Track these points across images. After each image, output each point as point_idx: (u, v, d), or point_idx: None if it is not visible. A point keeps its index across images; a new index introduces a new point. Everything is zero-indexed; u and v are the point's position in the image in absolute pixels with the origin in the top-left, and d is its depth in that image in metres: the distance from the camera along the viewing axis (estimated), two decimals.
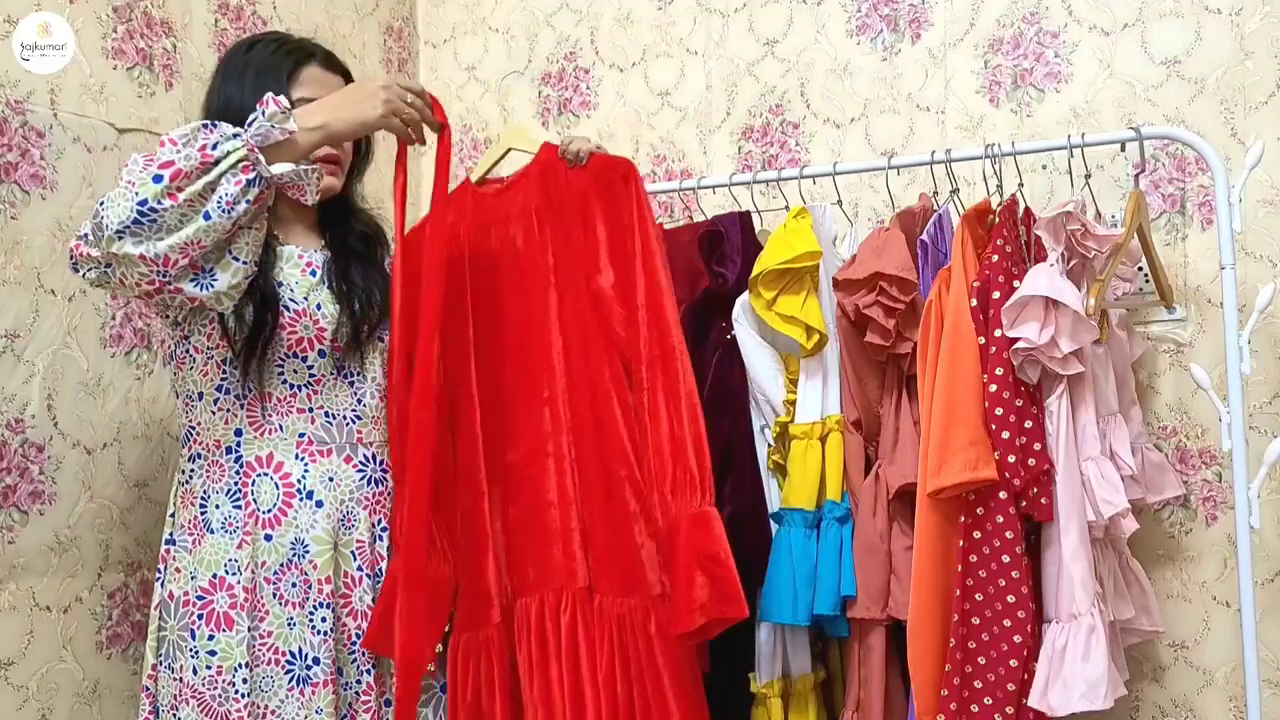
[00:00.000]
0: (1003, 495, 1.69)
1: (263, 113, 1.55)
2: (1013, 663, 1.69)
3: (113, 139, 1.99)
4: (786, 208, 1.96)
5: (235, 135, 1.53)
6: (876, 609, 1.81)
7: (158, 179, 1.48)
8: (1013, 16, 2.26)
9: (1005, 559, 1.69)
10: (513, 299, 1.87)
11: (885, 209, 2.24)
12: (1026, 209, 1.86)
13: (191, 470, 1.74)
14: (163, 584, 1.75)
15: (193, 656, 1.68)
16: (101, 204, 1.53)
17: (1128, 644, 1.96)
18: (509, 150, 1.98)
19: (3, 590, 1.79)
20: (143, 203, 1.48)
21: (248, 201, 1.53)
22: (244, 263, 1.59)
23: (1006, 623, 1.69)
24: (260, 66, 1.76)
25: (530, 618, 1.76)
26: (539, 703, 1.73)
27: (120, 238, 1.50)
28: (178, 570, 1.73)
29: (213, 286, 1.57)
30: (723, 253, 1.99)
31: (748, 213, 2.03)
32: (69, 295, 1.90)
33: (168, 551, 1.76)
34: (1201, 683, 2.08)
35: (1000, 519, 1.70)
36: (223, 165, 1.51)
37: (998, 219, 1.83)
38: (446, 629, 1.81)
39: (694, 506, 1.67)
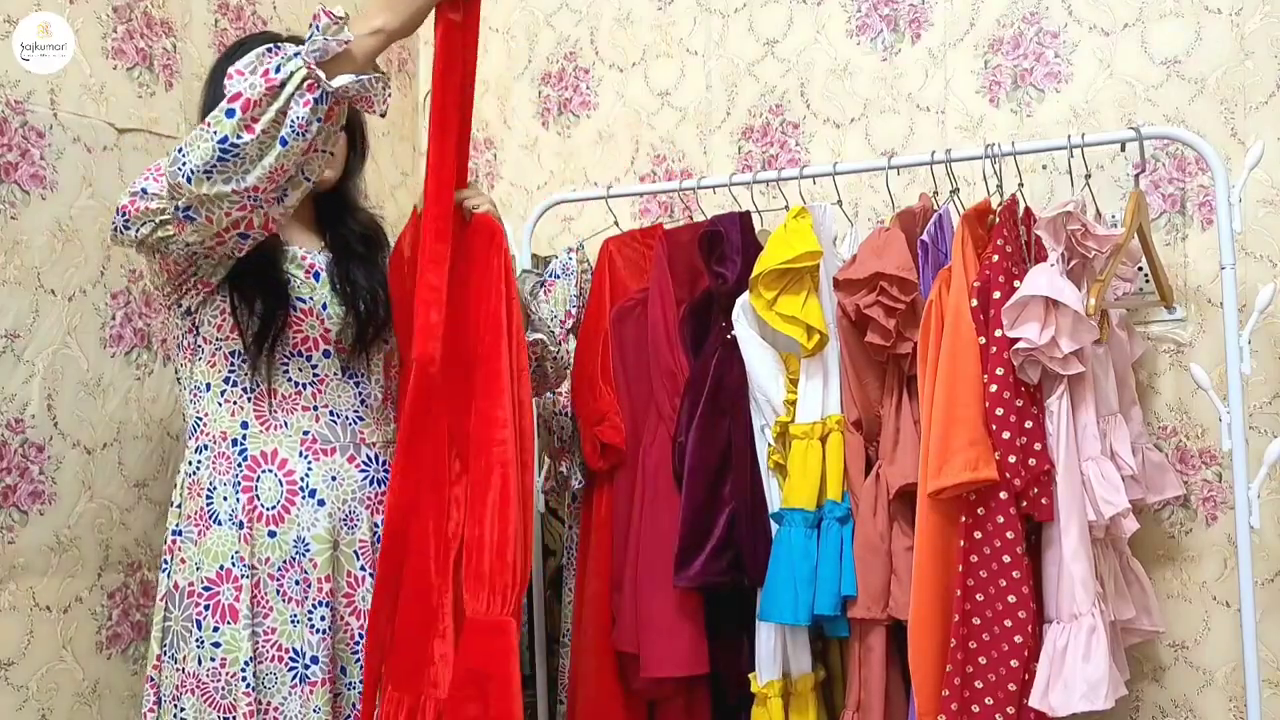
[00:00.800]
0: (1003, 495, 1.69)
1: (317, 27, 1.50)
2: (1013, 663, 1.69)
3: (113, 139, 1.99)
4: (786, 208, 1.96)
5: (296, 54, 1.50)
6: (877, 609, 1.81)
7: (230, 113, 1.47)
8: (1013, 16, 2.26)
9: (1006, 559, 1.69)
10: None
11: (885, 209, 2.24)
12: (1027, 209, 1.86)
13: (198, 462, 1.74)
14: (168, 574, 1.74)
15: (198, 647, 1.68)
16: (180, 151, 1.51)
17: (1128, 644, 1.96)
18: None
19: (3, 590, 1.79)
20: (223, 140, 1.47)
21: (319, 120, 1.50)
22: (311, 181, 1.59)
23: (1007, 623, 1.69)
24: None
25: None
26: None
27: (209, 178, 1.49)
28: (183, 561, 1.72)
29: (286, 204, 1.58)
30: (723, 253, 1.99)
31: (748, 213, 2.03)
32: (69, 295, 1.90)
33: (174, 542, 1.75)
34: (1201, 683, 2.08)
35: (1001, 519, 1.70)
36: (289, 88, 1.48)
37: (998, 219, 1.83)
38: None
39: (480, 612, 1.60)
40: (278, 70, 1.47)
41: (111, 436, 1.96)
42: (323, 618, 1.71)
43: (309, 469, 1.73)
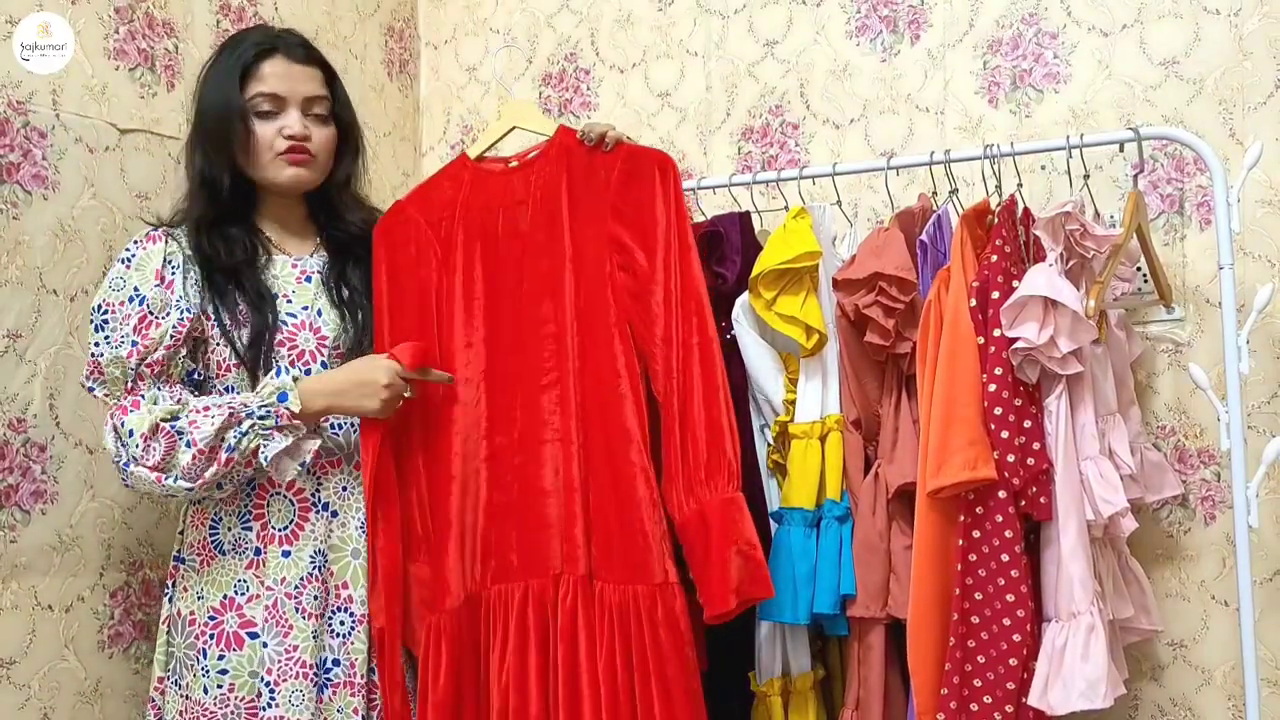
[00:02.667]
0: (1002, 494, 1.70)
1: (276, 421, 1.66)
2: (1012, 661, 1.69)
3: (114, 139, 2.00)
4: (786, 208, 1.97)
5: (250, 429, 1.65)
6: (876, 608, 1.82)
7: (189, 490, 1.65)
8: (1012, 17, 2.26)
9: (1004, 558, 1.69)
10: (520, 283, 1.83)
11: (885, 209, 2.24)
12: (1025, 209, 1.86)
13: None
14: (170, 600, 1.77)
15: (204, 676, 1.68)
16: (123, 465, 1.66)
17: (1127, 643, 1.96)
18: (513, 128, 1.96)
19: (5, 589, 1.80)
20: (169, 496, 1.68)
21: (251, 469, 1.70)
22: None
23: (1006, 621, 1.69)
24: (222, 70, 1.79)
25: (513, 604, 1.73)
26: (510, 690, 1.70)
27: (138, 490, 1.72)
28: (185, 589, 1.74)
29: (221, 490, 1.71)
30: (723, 253, 2.00)
31: (747, 213, 2.03)
32: (71, 295, 1.90)
33: (176, 569, 1.78)
34: (1200, 682, 2.08)
35: (999, 518, 1.70)
36: (237, 459, 1.66)
37: (997, 219, 1.83)
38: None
39: (726, 492, 1.67)
40: (235, 451, 1.65)
41: None
42: (342, 622, 1.72)
43: (319, 485, 1.75)
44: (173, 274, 1.73)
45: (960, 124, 2.29)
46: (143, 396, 1.67)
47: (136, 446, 1.63)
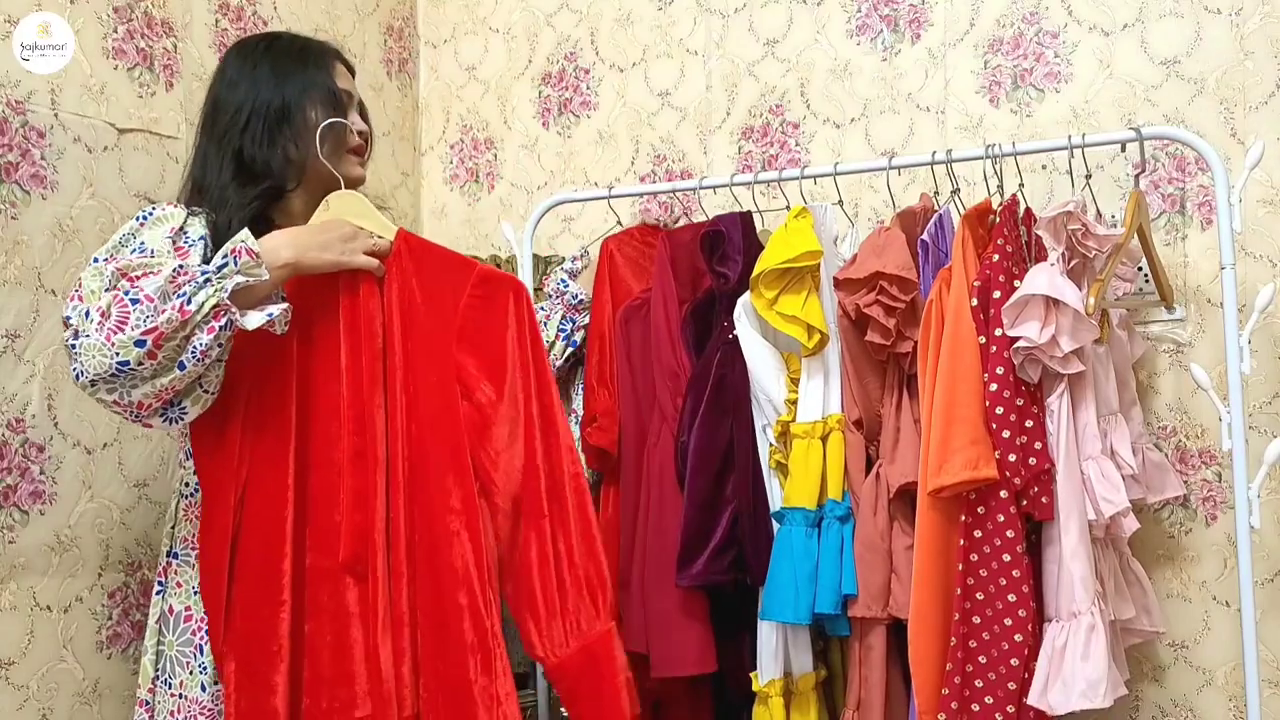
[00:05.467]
0: (1003, 494, 1.70)
1: (234, 261, 1.54)
2: (1013, 661, 1.69)
3: (113, 139, 1.99)
4: (787, 208, 1.96)
5: (206, 281, 1.52)
6: (877, 608, 1.81)
7: (140, 344, 1.47)
8: (1013, 17, 2.26)
9: (1006, 558, 1.69)
10: (335, 395, 1.68)
11: (885, 209, 2.24)
12: (1027, 209, 1.86)
13: (196, 483, 1.71)
14: (163, 597, 1.72)
15: (201, 673, 1.66)
16: (74, 347, 1.50)
17: (1128, 644, 1.96)
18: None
19: (3, 590, 1.79)
20: (124, 364, 1.48)
21: (219, 345, 1.54)
22: (211, 393, 1.61)
23: (1007, 621, 1.69)
24: (286, 63, 1.75)
25: None
26: None
27: (94, 386, 1.51)
28: (179, 585, 1.70)
29: (183, 419, 1.60)
30: (724, 253, 2.00)
31: (749, 213, 2.03)
32: (69, 295, 1.89)
33: (169, 564, 1.73)
34: (1201, 682, 2.08)
35: (1001, 518, 1.70)
36: (198, 318, 1.51)
37: (998, 219, 1.83)
38: None
39: (607, 624, 1.66)
40: (190, 302, 1.49)
41: (112, 436, 1.96)
42: None
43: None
44: (188, 244, 1.65)
45: (961, 123, 2.29)
46: None
47: (84, 317, 1.50)
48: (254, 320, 1.55)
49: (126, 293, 1.49)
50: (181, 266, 1.53)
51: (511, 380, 1.69)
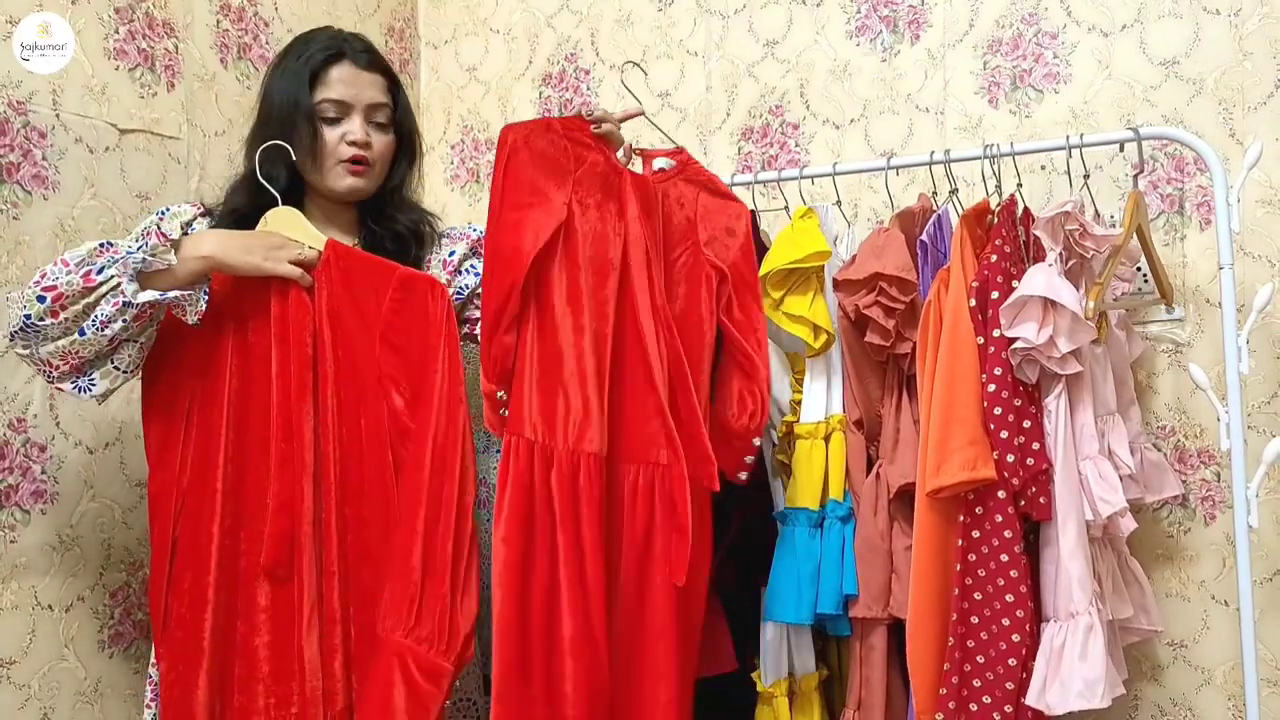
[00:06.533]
0: (1001, 494, 1.70)
1: (146, 243, 1.62)
2: (1011, 661, 1.69)
3: (114, 139, 2.00)
4: (786, 208, 1.97)
5: (117, 260, 1.60)
6: (878, 608, 1.82)
7: (41, 299, 1.58)
8: (1012, 17, 2.26)
9: (1004, 558, 1.69)
10: (268, 403, 1.70)
11: (885, 209, 2.24)
12: (1025, 209, 1.86)
13: None
14: None
15: None
16: (8, 299, 1.64)
17: (1127, 643, 1.96)
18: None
19: (5, 589, 1.80)
20: (27, 317, 1.59)
21: (124, 321, 1.60)
22: (125, 372, 1.68)
23: (1005, 621, 1.69)
24: (290, 72, 1.80)
25: None
26: None
27: (11, 340, 1.63)
28: None
29: (91, 390, 1.66)
30: None
31: (753, 213, 2.03)
32: None
33: None
34: (1200, 682, 2.08)
35: (999, 518, 1.70)
36: (103, 289, 1.59)
37: (997, 219, 1.83)
38: None
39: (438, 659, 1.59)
40: (99, 272, 1.58)
41: (113, 436, 1.96)
42: None
43: None
44: None
45: (960, 124, 2.29)
46: None
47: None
48: (145, 296, 1.60)
49: (59, 259, 1.60)
50: (107, 243, 1.62)
51: (426, 384, 1.68)
